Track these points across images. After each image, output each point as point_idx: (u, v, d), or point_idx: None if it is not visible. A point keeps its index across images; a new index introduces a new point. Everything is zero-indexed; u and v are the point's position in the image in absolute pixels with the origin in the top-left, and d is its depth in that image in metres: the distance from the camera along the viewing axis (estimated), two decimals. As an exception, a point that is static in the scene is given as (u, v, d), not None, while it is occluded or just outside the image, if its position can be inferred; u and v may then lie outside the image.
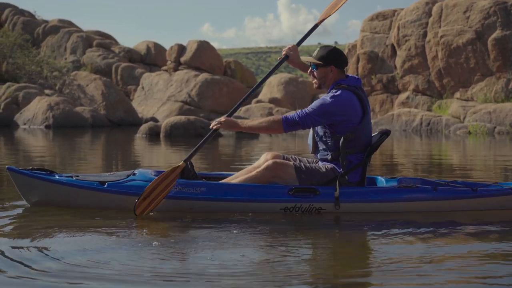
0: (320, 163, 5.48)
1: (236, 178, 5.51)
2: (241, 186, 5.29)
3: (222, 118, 5.46)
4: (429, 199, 5.39)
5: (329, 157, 5.41)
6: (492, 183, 5.80)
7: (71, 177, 5.46)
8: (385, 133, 5.54)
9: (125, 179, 5.37)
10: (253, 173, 5.38)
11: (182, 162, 5.39)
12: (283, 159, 5.57)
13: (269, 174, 5.33)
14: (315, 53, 5.54)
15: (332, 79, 5.49)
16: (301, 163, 5.46)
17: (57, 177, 5.44)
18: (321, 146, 5.48)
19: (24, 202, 5.65)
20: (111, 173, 5.68)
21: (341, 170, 5.36)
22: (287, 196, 5.21)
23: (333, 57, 5.48)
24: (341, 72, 5.52)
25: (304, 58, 5.70)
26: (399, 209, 5.34)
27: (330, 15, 6.21)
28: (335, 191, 5.23)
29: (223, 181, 5.54)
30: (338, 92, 5.35)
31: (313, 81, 5.59)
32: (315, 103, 5.35)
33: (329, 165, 5.41)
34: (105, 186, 5.32)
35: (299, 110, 5.38)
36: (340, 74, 5.50)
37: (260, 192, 5.25)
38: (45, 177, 5.43)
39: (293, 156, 5.67)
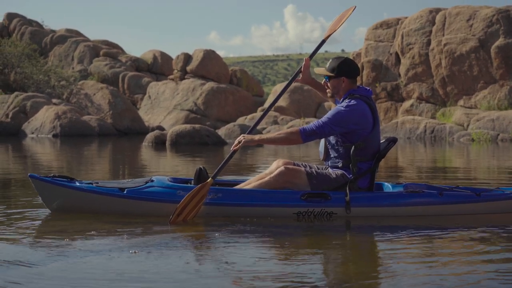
0: (330, 170, 5.69)
1: (249, 184, 5.72)
2: (255, 191, 5.49)
3: (241, 137, 5.62)
4: (435, 204, 5.58)
5: (339, 164, 5.62)
6: (494, 188, 5.97)
7: (91, 184, 5.68)
8: (392, 141, 5.77)
9: (143, 186, 5.58)
10: (266, 178, 5.58)
11: (210, 178, 5.52)
12: (294, 165, 5.76)
13: (282, 180, 5.53)
14: (327, 65, 5.77)
15: (344, 89, 5.70)
16: (312, 169, 5.66)
17: (78, 184, 5.65)
18: (332, 153, 5.68)
19: (45, 209, 5.88)
20: (129, 180, 5.89)
21: (351, 176, 5.57)
22: (300, 201, 5.41)
23: (344, 68, 5.69)
24: (352, 82, 5.73)
25: (317, 70, 5.89)
26: (407, 213, 5.54)
27: (336, 30, 6.38)
28: (345, 196, 5.44)
29: (237, 187, 5.75)
30: (352, 102, 5.57)
31: (327, 90, 5.82)
32: (331, 113, 5.55)
33: (339, 171, 5.61)
34: (125, 192, 5.52)
35: (316, 121, 5.59)
36: (352, 84, 5.71)
37: (274, 197, 5.46)
38: (67, 184, 5.65)
39: (303, 163, 5.86)
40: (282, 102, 33.63)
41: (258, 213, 5.42)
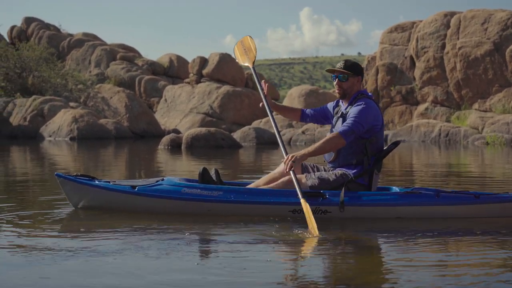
0: (333, 171, 5.86)
1: (257, 185, 5.95)
2: (254, 190, 5.74)
3: (290, 157, 5.60)
4: (431, 205, 5.65)
5: (353, 161, 5.80)
6: (503, 193, 5.94)
7: (109, 182, 6.05)
8: (394, 143, 5.96)
9: (153, 184, 5.91)
10: (272, 184, 5.84)
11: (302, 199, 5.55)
12: (302, 167, 6.00)
13: (285, 187, 5.75)
14: (342, 64, 5.97)
15: (356, 89, 5.96)
16: (314, 174, 5.83)
17: (97, 182, 6.04)
18: (345, 151, 5.83)
19: (70, 206, 6.29)
20: (143, 179, 6.23)
21: (354, 172, 5.76)
22: (296, 200, 5.55)
23: (359, 69, 5.98)
24: (360, 83, 6.02)
25: (336, 67, 6.01)
26: (401, 214, 5.63)
27: (255, 56, 6.71)
28: (340, 196, 5.58)
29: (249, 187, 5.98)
30: (369, 101, 5.86)
31: (337, 91, 5.98)
32: (357, 112, 5.75)
33: (339, 171, 5.79)
34: (136, 189, 5.86)
35: (347, 121, 5.74)
36: (360, 85, 6.01)
37: (271, 196, 5.66)
38: (87, 182, 6.04)
39: (311, 164, 6.08)
40: (297, 105, 33.67)
41: (256, 211, 5.65)
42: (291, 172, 5.56)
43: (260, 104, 6.36)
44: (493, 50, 25.46)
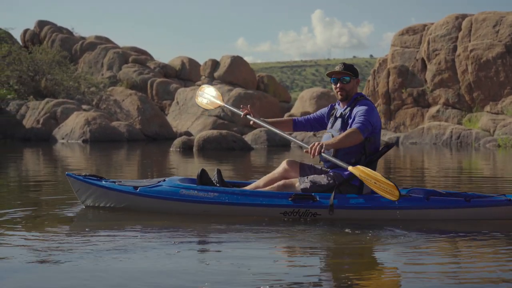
0: (326, 174, 5.96)
1: (257, 185, 6.08)
2: (247, 192, 5.90)
3: (316, 144, 5.69)
4: (421, 208, 5.68)
5: (352, 160, 5.86)
6: (497, 195, 5.95)
7: (115, 182, 6.27)
8: (386, 146, 6.02)
9: (154, 184, 6.10)
10: (268, 187, 5.97)
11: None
12: (300, 166, 6.11)
13: (280, 190, 5.91)
14: (342, 67, 6.08)
15: (355, 90, 6.12)
16: (307, 178, 5.94)
17: (103, 182, 6.26)
18: (344, 150, 5.89)
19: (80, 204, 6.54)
20: (147, 180, 6.41)
21: (346, 175, 5.82)
22: (287, 202, 5.74)
23: (357, 71, 6.13)
24: (358, 85, 6.17)
25: (337, 69, 6.12)
26: (390, 216, 5.68)
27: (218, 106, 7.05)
28: (330, 198, 5.69)
29: (247, 187, 6.14)
30: (369, 102, 6.01)
31: (340, 93, 6.09)
32: (365, 111, 5.86)
33: (332, 174, 5.90)
34: (138, 190, 6.06)
35: (359, 119, 5.82)
36: (357, 87, 6.16)
37: (264, 198, 5.81)
38: (93, 181, 6.27)
39: (309, 164, 6.17)
40: (308, 108, 33.77)
41: (249, 212, 5.80)
42: (322, 153, 5.63)
43: (251, 123, 6.48)
44: (505, 52, 25.41)
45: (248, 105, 6.62)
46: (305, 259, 4.40)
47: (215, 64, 38.43)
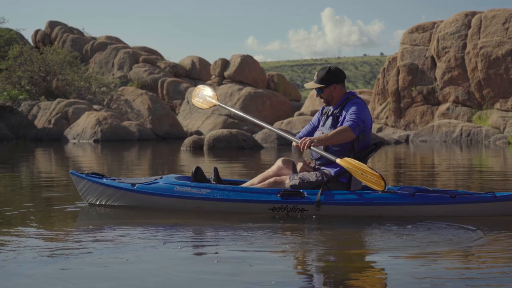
0: (314, 171, 6.08)
1: (252, 183, 6.22)
2: (238, 188, 6.06)
3: (308, 139, 5.92)
4: (406, 204, 5.76)
5: (341, 156, 5.92)
6: (484, 193, 5.93)
7: (114, 180, 6.45)
8: (375, 144, 6.15)
9: (151, 182, 6.28)
10: (259, 184, 6.14)
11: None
12: (293, 165, 6.26)
13: (270, 187, 6.06)
14: (315, 78, 6.22)
15: (338, 95, 6.16)
16: (297, 175, 6.06)
17: (104, 180, 6.43)
18: (334, 147, 6.01)
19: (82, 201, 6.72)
20: (145, 177, 6.61)
21: (334, 172, 5.94)
22: (276, 198, 5.88)
23: (332, 76, 6.14)
24: (343, 86, 6.20)
25: (308, 85, 6.33)
26: (376, 212, 5.78)
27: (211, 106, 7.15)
28: (317, 195, 5.80)
29: (244, 185, 6.28)
30: (359, 101, 6.09)
31: (322, 101, 6.27)
32: (356, 109, 5.97)
33: (320, 171, 6.01)
34: (135, 187, 6.25)
35: (350, 117, 5.93)
36: (343, 88, 6.19)
37: (253, 194, 5.97)
38: (94, 179, 6.45)
39: (304, 159, 6.32)
40: (318, 106, 33.74)
41: (239, 208, 5.96)
42: (311, 147, 5.85)
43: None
44: (515, 49, 25.39)
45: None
46: (295, 259, 4.42)
47: (225, 63, 38.53)
